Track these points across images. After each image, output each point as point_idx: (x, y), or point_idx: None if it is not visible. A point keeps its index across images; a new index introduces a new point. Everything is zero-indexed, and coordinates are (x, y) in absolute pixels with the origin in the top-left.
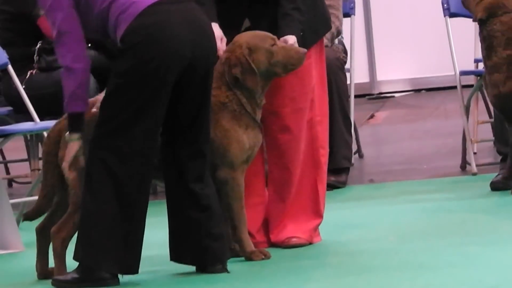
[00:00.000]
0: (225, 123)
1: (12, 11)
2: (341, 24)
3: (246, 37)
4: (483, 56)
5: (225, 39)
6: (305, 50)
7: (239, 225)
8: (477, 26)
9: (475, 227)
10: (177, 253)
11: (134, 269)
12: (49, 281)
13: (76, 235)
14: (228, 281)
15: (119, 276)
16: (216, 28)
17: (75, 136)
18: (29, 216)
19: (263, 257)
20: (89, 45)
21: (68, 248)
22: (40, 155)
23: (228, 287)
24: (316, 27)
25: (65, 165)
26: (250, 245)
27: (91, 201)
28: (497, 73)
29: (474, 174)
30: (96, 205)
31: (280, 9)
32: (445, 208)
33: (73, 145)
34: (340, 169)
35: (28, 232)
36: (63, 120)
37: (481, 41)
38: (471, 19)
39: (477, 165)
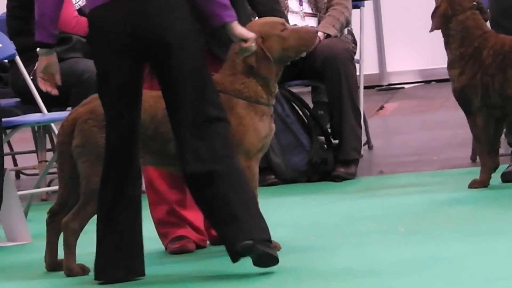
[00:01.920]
0: (241, 110)
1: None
2: (350, 14)
3: (257, 26)
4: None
5: None
6: (316, 29)
7: None
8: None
9: (486, 218)
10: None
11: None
12: (58, 273)
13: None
14: (238, 273)
15: None
16: None
17: (42, 51)
18: (54, 212)
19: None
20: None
21: (79, 239)
22: (47, 147)
23: (238, 278)
24: None
25: (38, 77)
26: None
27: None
28: (452, 69)
29: None
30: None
31: (261, 7)
32: (456, 199)
33: (41, 60)
34: (349, 161)
35: (36, 223)
36: (77, 109)
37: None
38: None
39: None
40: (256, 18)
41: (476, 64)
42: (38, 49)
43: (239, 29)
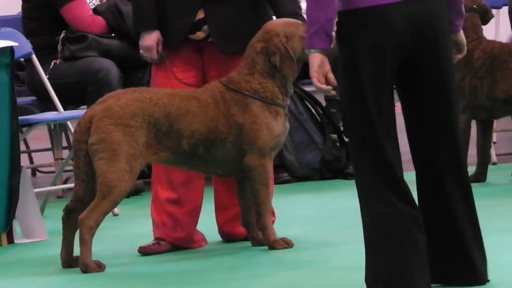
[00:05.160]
0: (255, 109)
1: (36, 0)
2: None
3: (280, 26)
4: None
5: (159, 48)
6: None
7: (264, 212)
8: (499, 14)
9: (496, 215)
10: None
11: None
12: (74, 269)
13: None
14: (251, 269)
15: None
16: (150, 37)
17: (317, 50)
18: (70, 208)
19: (286, 245)
20: (113, 34)
21: (94, 236)
22: (63, 144)
23: (251, 275)
24: None
25: (312, 72)
26: (273, 234)
27: None
28: None
29: (494, 163)
30: None
31: (283, 9)
32: None
33: (314, 57)
34: None
35: (52, 220)
36: (93, 107)
37: None
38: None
39: (496, 155)
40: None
41: (467, 67)
42: (312, 54)
43: (463, 37)
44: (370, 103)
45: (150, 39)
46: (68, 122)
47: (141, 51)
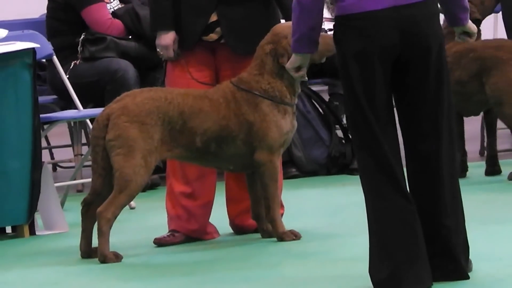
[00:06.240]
0: (265, 107)
1: (60, 1)
2: None
3: (288, 28)
4: None
5: (174, 47)
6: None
7: (273, 205)
8: (497, 18)
9: (495, 207)
10: None
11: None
12: (92, 259)
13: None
14: (260, 260)
15: None
16: (167, 36)
17: (301, 55)
18: (88, 201)
19: (294, 237)
20: (130, 36)
21: (112, 227)
22: (83, 141)
23: (260, 266)
24: None
25: (288, 66)
26: (282, 226)
27: None
28: None
29: None
30: None
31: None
32: (466, 190)
33: (295, 58)
34: None
35: (72, 213)
36: (110, 105)
37: None
38: None
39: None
40: (283, 21)
41: None
42: (294, 54)
43: (472, 26)
44: (362, 104)
45: (168, 38)
46: (87, 120)
47: (158, 49)
